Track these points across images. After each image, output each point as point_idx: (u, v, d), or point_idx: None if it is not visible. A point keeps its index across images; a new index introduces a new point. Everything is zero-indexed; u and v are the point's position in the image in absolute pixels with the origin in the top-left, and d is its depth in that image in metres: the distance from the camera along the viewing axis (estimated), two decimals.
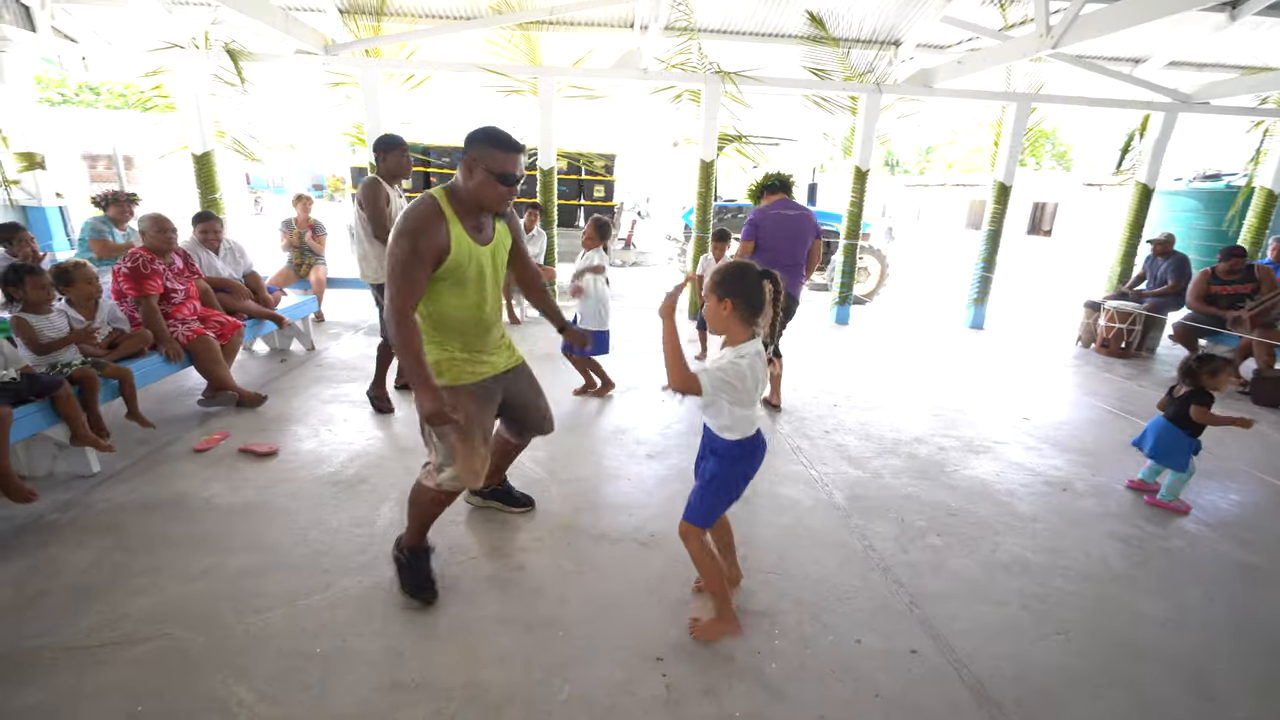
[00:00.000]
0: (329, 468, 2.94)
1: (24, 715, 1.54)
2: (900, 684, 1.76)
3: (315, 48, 5.47)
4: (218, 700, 1.61)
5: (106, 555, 2.19)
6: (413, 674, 1.71)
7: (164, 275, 3.30)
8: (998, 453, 3.46)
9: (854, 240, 6.67)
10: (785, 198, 3.80)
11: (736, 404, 1.72)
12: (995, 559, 2.41)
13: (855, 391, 4.41)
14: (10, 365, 2.45)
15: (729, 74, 5.90)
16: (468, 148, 1.80)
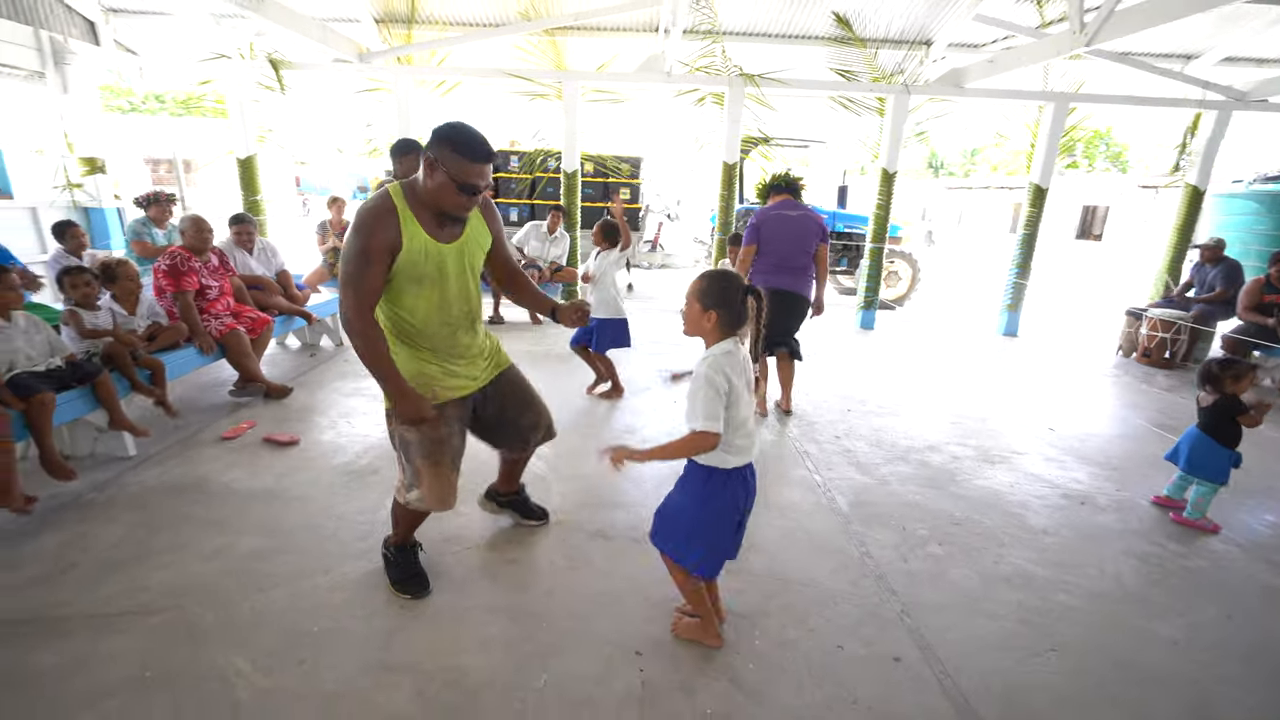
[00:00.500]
0: (344, 458, 3.07)
1: (43, 674, 1.68)
2: (879, 691, 1.73)
3: (351, 56, 5.70)
4: (218, 669, 1.71)
5: (133, 532, 2.35)
6: (398, 656, 1.79)
7: (200, 272, 3.50)
8: (1015, 463, 3.35)
9: (880, 244, 6.54)
10: (790, 199, 3.75)
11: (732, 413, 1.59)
12: (997, 571, 2.35)
13: (872, 397, 4.34)
14: (57, 353, 2.65)
15: (751, 76, 5.88)
16: (431, 145, 1.65)
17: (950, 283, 11.97)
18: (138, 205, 4.61)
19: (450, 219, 1.79)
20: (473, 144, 1.65)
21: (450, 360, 1.92)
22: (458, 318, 1.90)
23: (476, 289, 1.96)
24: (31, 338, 2.55)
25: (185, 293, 3.38)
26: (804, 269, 3.70)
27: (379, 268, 1.70)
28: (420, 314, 1.83)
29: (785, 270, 3.66)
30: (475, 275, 1.94)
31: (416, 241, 1.73)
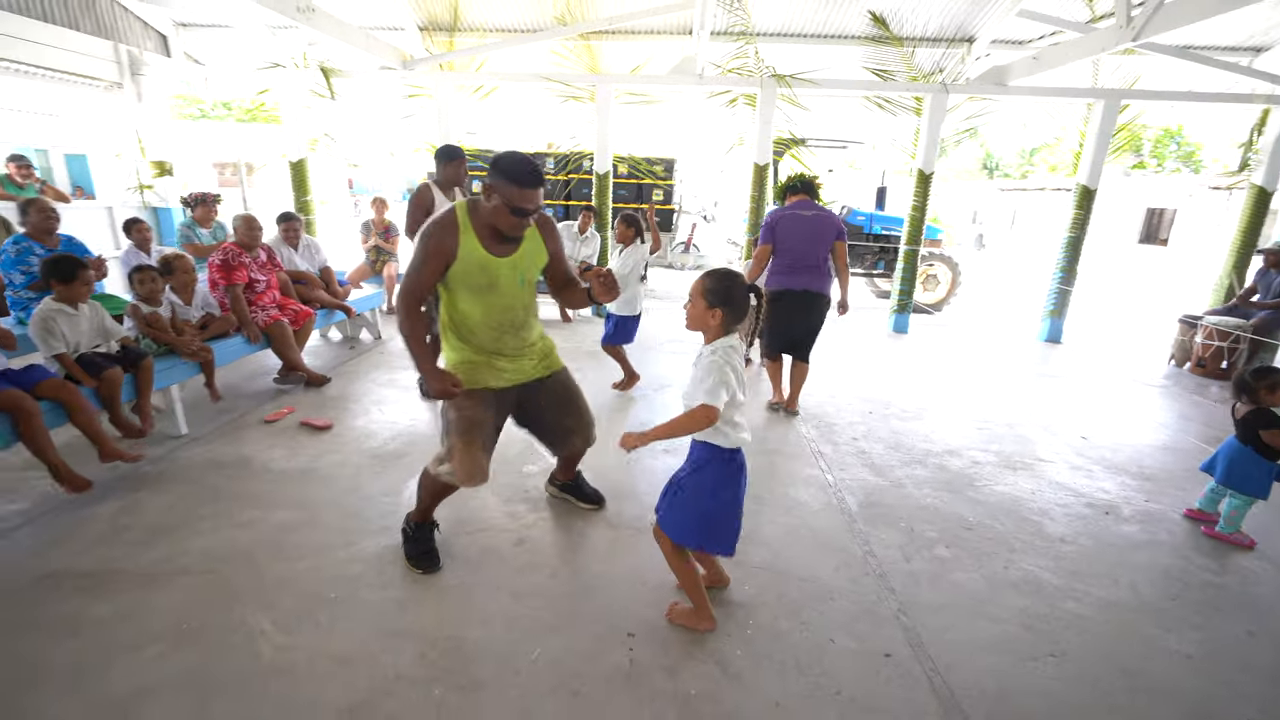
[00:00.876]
0: (373, 443, 3.24)
1: (98, 622, 1.87)
2: (865, 685, 1.75)
3: (395, 63, 5.97)
4: (245, 626, 1.87)
5: (180, 502, 2.57)
6: (406, 624, 1.91)
7: (249, 267, 3.76)
8: (1039, 470, 3.26)
9: (915, 246, 6.40)
10: (806, 199, 3.76)
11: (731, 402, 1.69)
12: (1005, 576, 2.31)
13: (896, 401, 4.27)
14: (112, 337, 2.91)
15: (783, 77, 5.86)
16: (490, 172, 1.86)
17: (997, 287, 11.57)
18: (184, 205, 4.95)
19: (506, 237, 1.98)
20: (522, 172, 1.83)
21: (495, 356, 2.11)
22: (505, 322, 2.08)
23: (529, 298, 2.14)
24: (92, 323, 2.82)
25: (235, 285, 3.64)
26: (820, 267, 3.70)
27: (433, 269, 1.96)
28: (473, 316, 2.05)
29: (801, 269, 3.68)
30: (528, 287, 2.11)
31: (473, 254, 1.95)
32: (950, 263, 8.45)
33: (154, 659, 1.74)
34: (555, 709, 1.62)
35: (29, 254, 3.45)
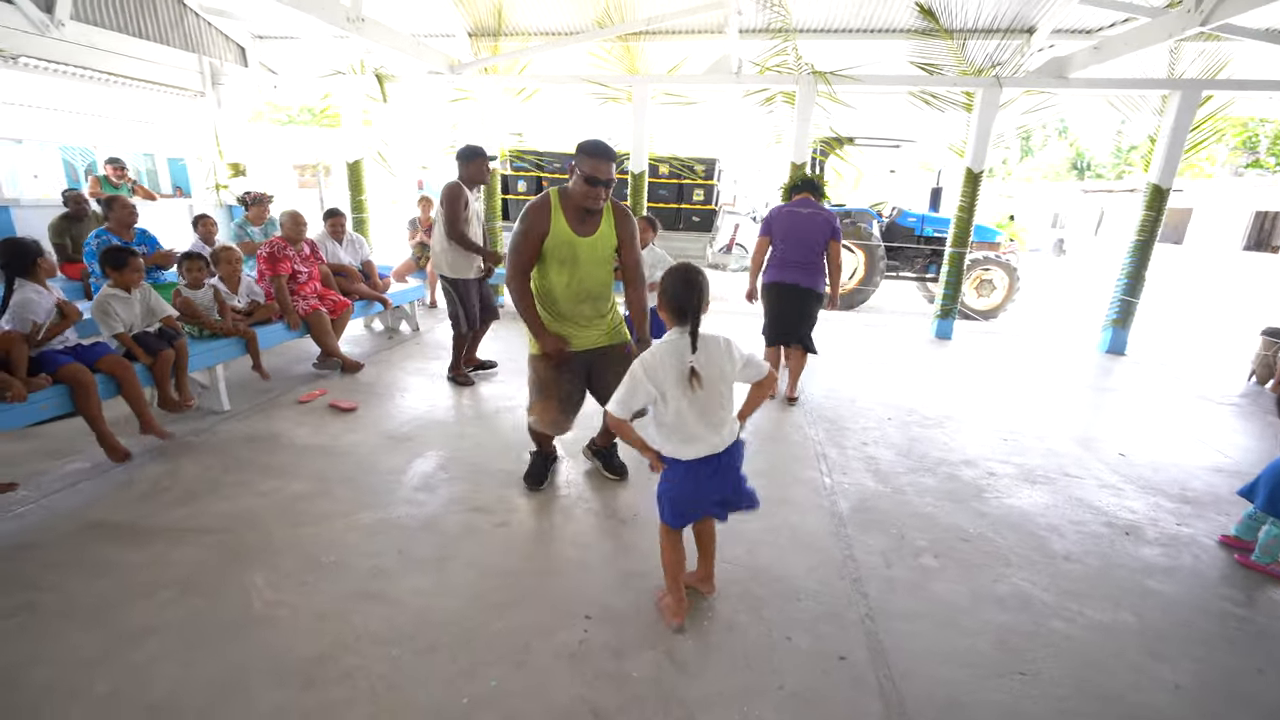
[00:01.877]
0: (390, 425, 3.46)
1: (125, 567, 2.12)
2: (811, 683, 1.74)
3: (443, 68, 6.27)
4: (242, 582, 2.06)
5: (210, 470, 2.84)
6: (382, 589, 2.05)
7: (293, 259, 4.08)
8: (1060, 486, 3.07)
9: (961, 249, 6.11)
10: (807, 198, 3.91)
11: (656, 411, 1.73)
12: (991, 590, 2.21)
13: (921, 408, 4.12)
14: (157, 317, 3.23)
15: (823, 74, 5.74)
16: (574, 155, 2.24)
17: (1069, 295, 10.83)
18: (240, 203, 5.39)
19: (588, 214, 2.33)
20: (596, 147, 2.21)
21: (569, 322, 2.48)
22: (583, 293, 2.44)
23: (605, 275, 2.47)
24: (143, 306, 3.15)
25: (280, 276, 3.95)
26: (811, 264, 3.83)
27: (531, 245, 2.34)
28: (558, 286, 2.42)
29: (791, 265, 3.84)
30: (603, 265, 2.44)
31: (561, 233, 2.32)
32: (1007, 267, 8.00)
33: (163, 603, 1.96)
34: (499, 676, 1.71)
35: (101, 246, 3.88)
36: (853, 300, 8.29)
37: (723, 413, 1.75)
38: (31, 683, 1.65)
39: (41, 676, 1.67)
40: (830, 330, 6.49)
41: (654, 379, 1.67)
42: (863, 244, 8.11)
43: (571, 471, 2.99)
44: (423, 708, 1.60)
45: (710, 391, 1.68)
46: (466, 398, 3.97)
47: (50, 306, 2.74)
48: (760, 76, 5.98)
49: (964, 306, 8.11)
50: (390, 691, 1.65)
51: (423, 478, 2.86)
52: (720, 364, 1.69)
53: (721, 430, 1.73)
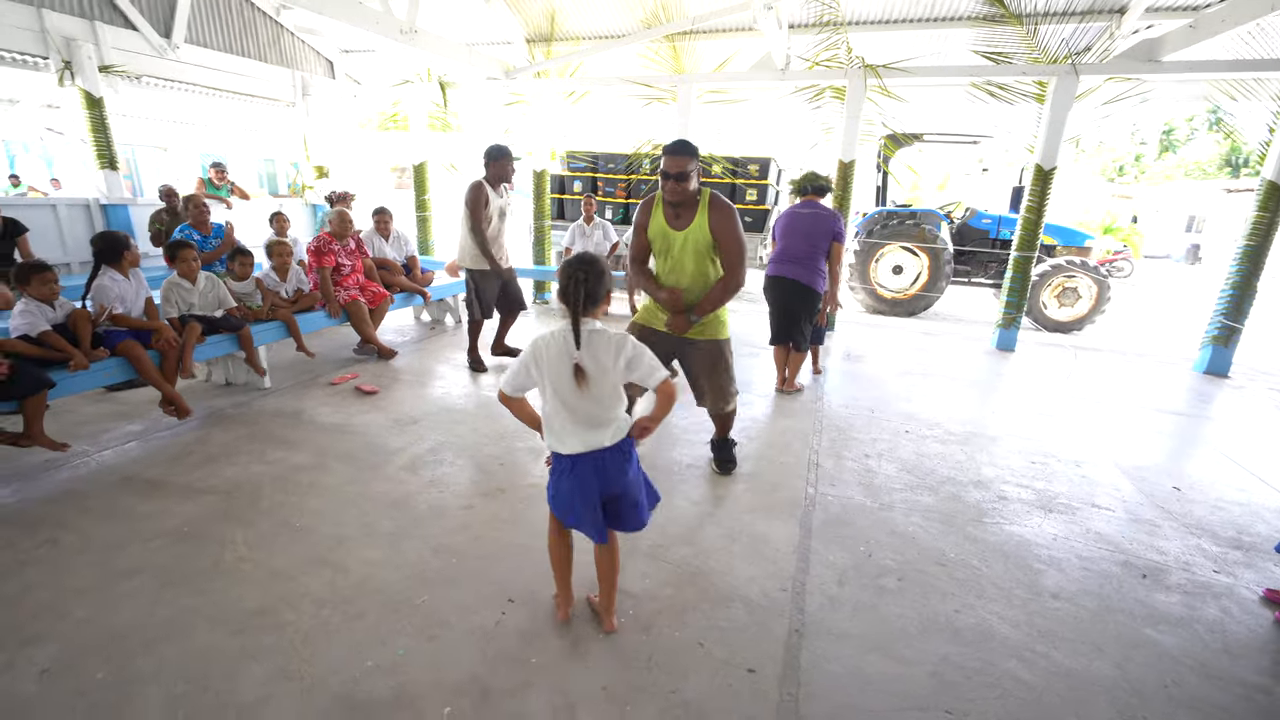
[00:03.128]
0: (404, 408, 3.69)
1: (137, 515, 2.43)
2: (708, 692, 1.69)
3: (498, 74, 6.58)
4: (222, 537, 2.31)
5: (234, 439, 3.18)
6: (335, 557, 2.21)
7: (338, 253, 4.45)
8: (1082, 516, 2.75)
9: (1028, 252, 5.59)
10: (813, 199, 3.97)
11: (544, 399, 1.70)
12: (950, 620, 2.03)
13: (947, 422, 3.82)
14: (223, 307, 3.66)
15: (873, 67, 5.45)
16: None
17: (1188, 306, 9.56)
18: (327, 201, 5.92)
19: (681, 207, 2.55)
20: (669, 144, 2.48)
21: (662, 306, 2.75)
22: (674, 283, 2.69)
23: (695, 268, 2.64)
24: (205, 295, 3.57)
25: (324, 268, 4.33)
26: (807, 260, 3.86)
27: (638, 236, 2.71)
28: (660, 273, 2.73)
29: (786, 260, 3.90)
30: (697, 257, 2.61)
31: (656, 225, 2.64)
32: (1096, 275, 7.20)
33: (154, 549, 2.23)
34: (409, 646, 1.80)
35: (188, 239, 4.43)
36: (914, 306, 7.80)
37: (604, 412, 1.68)
38: (34, 602, 1.95)
39: (43, 598, 1.96)
40: (879, 337, 6.16)
41: (539, 365, 1.66)
42: (927, 247, 7.61)
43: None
44: (327, 665, 1.72)
45: (593, 388, 1.65)
46: (481, 386, 4.15)
47: (124, 293, 3.18)
48: (808, 72, 5.77)
49: (1041, 317, 7.39)
50: (306, 646, 1.79)
51: (412, 459, 3.04)
52: (604, 361, 1.63)
53: (603, 429, 1.69)
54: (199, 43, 6.28)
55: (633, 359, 1.65)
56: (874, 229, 7.91)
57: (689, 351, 2.79)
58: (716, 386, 2.80)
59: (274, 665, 1.72)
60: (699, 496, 2.80)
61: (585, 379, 1.61)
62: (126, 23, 5.50)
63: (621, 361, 1.64)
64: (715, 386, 2.80)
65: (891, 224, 7.83)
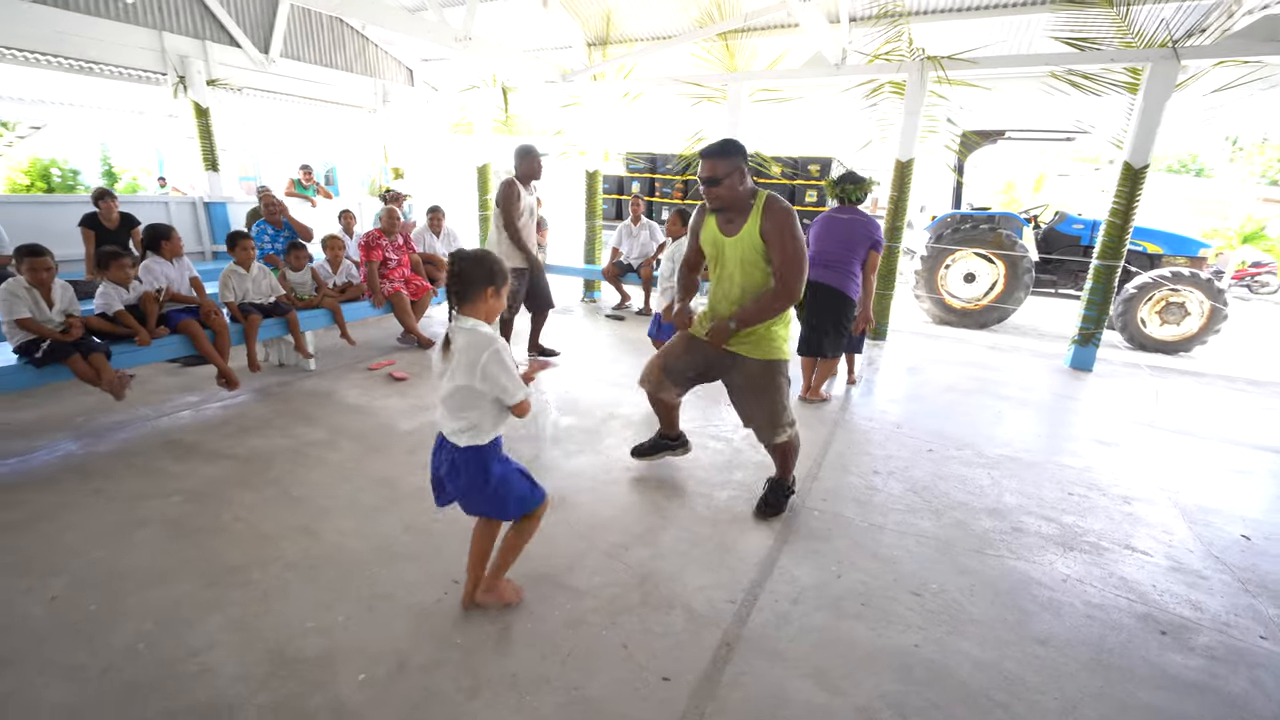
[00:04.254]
0: (423, 396, 3.91)
1: (165, 473, 2.75)
2: (615, 693, 1.66)
3: (555, 78, 6.77)
4: (228, 498, 2.56)
5: (268, 414, 3.50)
6: (317, 525, 2.39)
7: (386, 249, 4.78)
8: (1108, 558, 2.43)
9: (1112, 260, 5.00)
10: (854, 205, 3.82)
11: None
12: (906, 655, 1.87)
13: (982, 443, 3.50)
14: (275, 294, 4.04)
15: (937, 59, 5.09)
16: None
17: None
18: (382, 200, 6.37)
19: (727, 213, 2.39)
20: (704, 149, 2.37)
21: (712, 312, 2.55)
22: (722, 289, 2.49)
23: (743, 276, 2.40)
24: (259, 283, 3.96)
25: (372, 262, 4.67)
26: (841, 265, 3.70)
27: (693, 241, 2.59)
28: (712, 283, 2.56)
29: (819, 264, 3.74)
30: (744, 265, 2.38)
31: (709, 231, 2.48)
32: (1211, 289, 6.29)
33: (170, 504, 2.51)
34: (349, 614, 1.92)
35: (263, 233, 4.92)
36: (986, 318, 7.18)
37: (452, 406, 1.69)
38: (65, 540, 2.25)
39: (72, 538, 2.27)
40: (936, 349, 5.74)
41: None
42: (1004, 254, 6.98)
43: (549, 455, 3.13)
44: (274, 622, 1.87)
45: (445, 380, 1.67)
46: None
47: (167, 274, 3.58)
48: (864, 67, 5.49)
49: (1139, 335, 6.57)
50: (262, 603, 1.95)
51: (416, 443, 3.21)
52: (460, 359, 1.63)
53: (452, 422, 1.71)
54: (293, 56, 6.96)
55: (486, 369, 1.60)
56: (944, 233, 7.37)
57: (733, 369, 2.53)
58: (765, 413, 2.48)
59: (230, 617, 1.89)
60: (676, 497, 2.75)
61: (446, 360, 1.68)
62: (231, 41, 6.20)
63: (477, 371, 1.61)
64: (764, 413, 2.48)
65: (964, 228, 7.25)
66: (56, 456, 2.92)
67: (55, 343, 2.90)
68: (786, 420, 2.50)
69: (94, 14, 5.27)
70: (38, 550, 2.19)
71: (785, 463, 2.63)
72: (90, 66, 5.40)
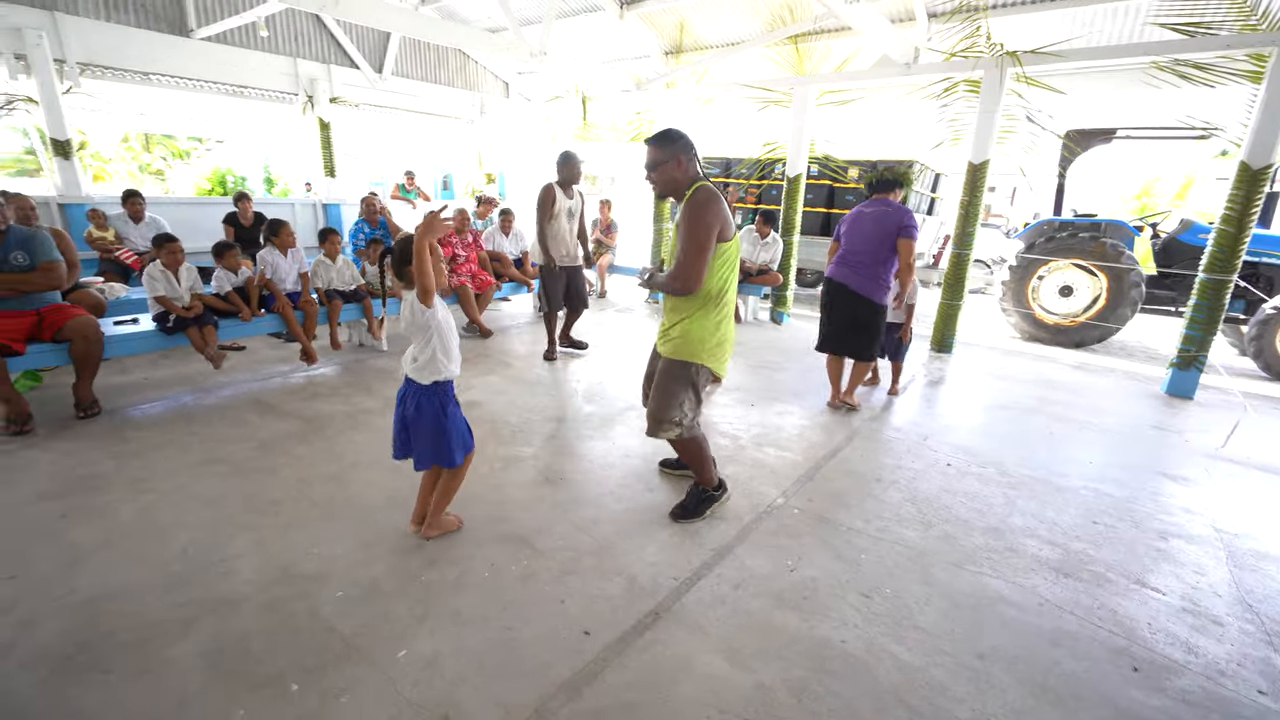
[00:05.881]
0: (466, 376, 4.32)
1: (252, 426, 3.33)
2: (537, 639, 1.86)
3: (630, 86, 7.08)
4: (286, 448, 3.07)
5: (339, 385, 4.08)
6: (348, 474, 2.81)
7: (455, 245, 5.31)
8: (1107, 590, 2.25)
9: (1223, 275, 4.40)
10: (883, 197, 3.64)
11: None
12: (828, 648, 1.89)
13: (1014, 462, 3.29)
14: (355, 283, 4.67)
15: (1016, 54, 4.75)
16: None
17: None
18: (476, 202, 7.00)
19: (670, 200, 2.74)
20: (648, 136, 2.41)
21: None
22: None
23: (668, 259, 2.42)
24: (343, 273, 4.60)
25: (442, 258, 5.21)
26: (867, 265, 3.59)
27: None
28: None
29: (841, 262, 3.67)
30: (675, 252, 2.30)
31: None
32: None
33: (242, 449, 3.06)
34: (345, 545, 2.28)
35: (358, 231, 5.65)
36: (1083, 336, 6.49)
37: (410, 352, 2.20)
38: (159, 467, 2.84)
39: (165, 467, 2.86)
40: (1009, 365, 5.35)
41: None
42: (1107, 266, 6.28)
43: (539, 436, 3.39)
44: (288, 545, 2.27)
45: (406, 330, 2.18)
46: (539, 369, 4.64)
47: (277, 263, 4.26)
48: (937, 65, 5.24)
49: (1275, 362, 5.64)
50: (283, 530, 2.37)
51: None
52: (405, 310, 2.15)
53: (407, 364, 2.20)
54: (402, 74, 7.85)
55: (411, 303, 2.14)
56: (1037, 241, 6.76)
57: (657, 363, 2.54)
58: (653, 405, 2.46)
59: (257, 537, 2.33)
60: (662, 486, 2.89)
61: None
62: (351, 63, 7.14)
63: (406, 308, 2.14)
64: (653, 404, 2.47)
65: (1061, 236, 6.60)
66: (173, 405, 3.64)
67: (179, 316, 3.62)
68: (670, 418, 2.40)
69: (244, 46, 6.36)
70: (140, 472, 2.80)
71: (694, 466, 2.57)
72: (241, 90, 6.51)
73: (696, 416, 2.47)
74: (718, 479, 2.67)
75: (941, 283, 9.84)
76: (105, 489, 2.64)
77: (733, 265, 2.33)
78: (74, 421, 3.32)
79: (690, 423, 2.45)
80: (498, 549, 2.31)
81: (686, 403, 2.41)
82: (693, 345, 2.35)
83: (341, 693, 1.65)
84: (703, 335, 2.35)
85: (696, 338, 2.35)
